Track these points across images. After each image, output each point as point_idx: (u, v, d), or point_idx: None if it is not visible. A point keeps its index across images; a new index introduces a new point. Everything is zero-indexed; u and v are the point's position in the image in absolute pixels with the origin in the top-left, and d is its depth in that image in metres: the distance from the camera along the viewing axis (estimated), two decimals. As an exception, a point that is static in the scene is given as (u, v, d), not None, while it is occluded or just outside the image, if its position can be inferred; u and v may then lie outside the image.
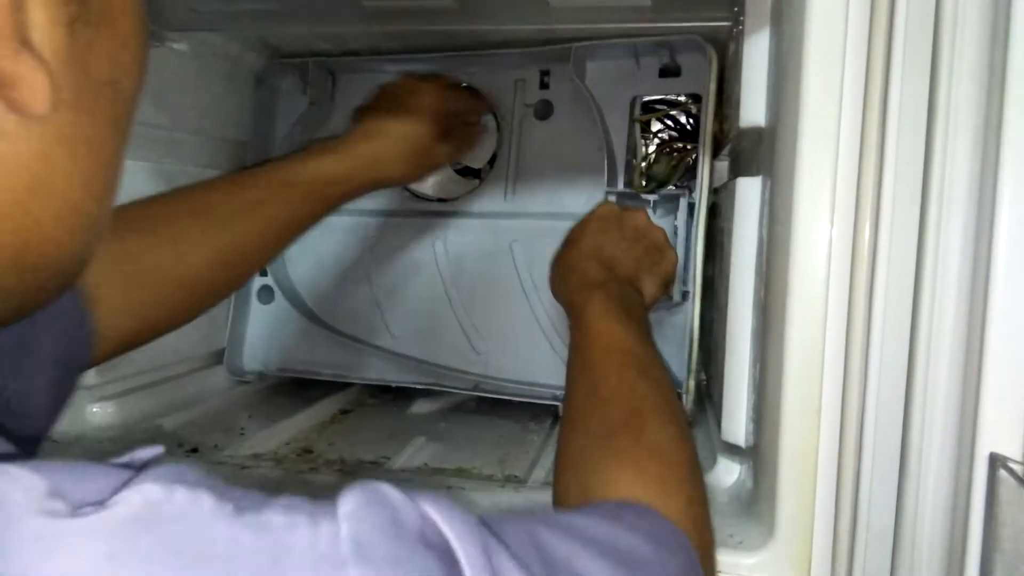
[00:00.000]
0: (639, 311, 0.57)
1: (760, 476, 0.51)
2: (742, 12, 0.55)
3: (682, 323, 0.67)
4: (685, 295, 0.67)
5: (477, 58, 0.77)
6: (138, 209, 0.52)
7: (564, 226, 0.74)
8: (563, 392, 0.67)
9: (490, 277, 0.76)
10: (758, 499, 0.51)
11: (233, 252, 0.55)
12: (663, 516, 0.36)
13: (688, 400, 0.65)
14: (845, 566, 0.40)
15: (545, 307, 0.73)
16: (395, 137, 0.64)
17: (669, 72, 0.74)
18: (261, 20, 0.71)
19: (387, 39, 0.75)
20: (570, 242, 0.63)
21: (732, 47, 0.67)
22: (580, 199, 0.75)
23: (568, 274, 0.59)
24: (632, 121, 0.76)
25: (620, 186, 0.74)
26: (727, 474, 0.60)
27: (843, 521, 0.40)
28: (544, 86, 0.79)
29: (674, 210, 0.70)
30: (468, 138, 0.74)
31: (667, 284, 0.64)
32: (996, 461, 0.29)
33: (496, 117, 0.81)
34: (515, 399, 0.75)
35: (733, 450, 0.59)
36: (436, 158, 0.68)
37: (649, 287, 0.61)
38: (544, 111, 0.80)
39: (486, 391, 0.73)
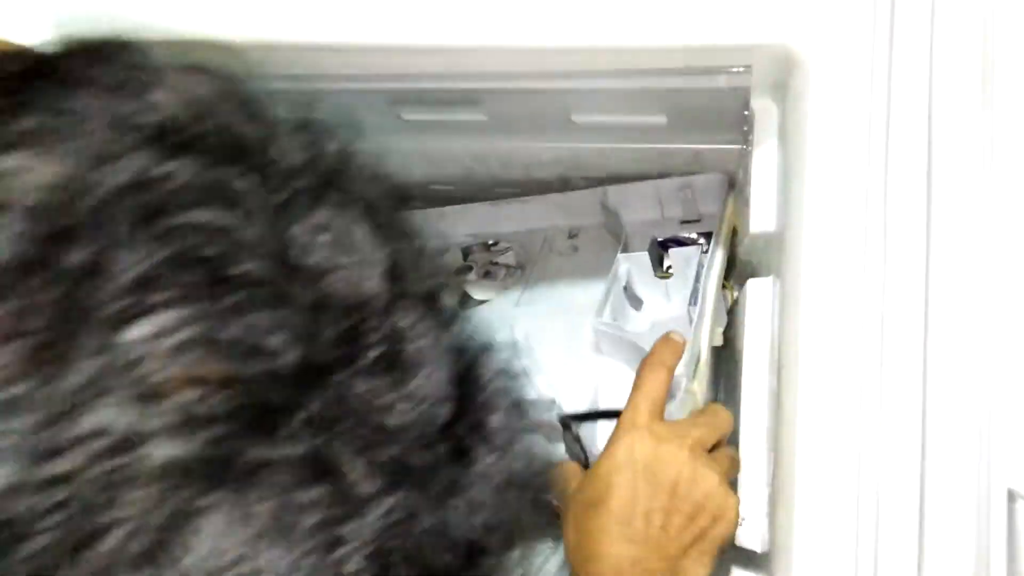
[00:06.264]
0: None
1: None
2: (751, 131, 0.60)
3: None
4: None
5: (521, 206, 0.86)
6: None
7: (570, 317, 0.75)
8: None
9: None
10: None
11: None
12: None
13: None
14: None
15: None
16: None
17: (689, 222, 0.82)
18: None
19: (419, 159, 0.80)
20: (594, 502, 0.50)
21: (740, 173, 0.72)
22: (594, 297, 0.78)
23: (581, 554, 0.50)
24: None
25: None
26: (741, 587, 0.58)
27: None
28: (572, 236, 0.87)
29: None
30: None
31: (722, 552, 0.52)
32: (1013, 496, 0.29)
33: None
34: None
35: (748, 557, 0.58)
36: None
37: (695, 571, 0.51)
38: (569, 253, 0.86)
39: None
